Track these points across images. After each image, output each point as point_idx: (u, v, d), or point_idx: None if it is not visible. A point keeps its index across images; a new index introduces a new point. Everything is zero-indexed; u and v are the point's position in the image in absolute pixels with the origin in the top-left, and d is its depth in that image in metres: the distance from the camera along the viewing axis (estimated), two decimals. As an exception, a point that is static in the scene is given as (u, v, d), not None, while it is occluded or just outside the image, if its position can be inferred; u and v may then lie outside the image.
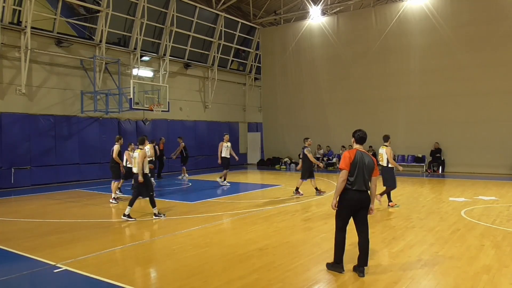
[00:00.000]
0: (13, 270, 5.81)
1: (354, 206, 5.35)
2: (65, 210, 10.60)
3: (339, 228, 5.50)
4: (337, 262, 5.48)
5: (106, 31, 17.70)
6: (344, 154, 5.38)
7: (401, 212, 9.60)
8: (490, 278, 5.14)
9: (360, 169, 5.28)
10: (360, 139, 5.54)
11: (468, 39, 18.32)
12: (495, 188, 13.49)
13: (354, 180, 5.27)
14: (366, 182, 5.35)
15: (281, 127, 24.38)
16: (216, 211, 10.07)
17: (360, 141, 5.55)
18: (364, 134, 5.57)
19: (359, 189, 5.29)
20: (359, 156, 5.32)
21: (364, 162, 5.33)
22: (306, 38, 23.33)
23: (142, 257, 6.47)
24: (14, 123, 15.17)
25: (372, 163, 5.41)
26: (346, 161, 5.28)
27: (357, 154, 5.33)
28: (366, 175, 5.33)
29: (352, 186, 5.28)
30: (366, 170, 5.33)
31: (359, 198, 5.32)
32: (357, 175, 5.27)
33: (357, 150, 5.41)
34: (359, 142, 5.55)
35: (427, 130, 18.41)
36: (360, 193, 5.32)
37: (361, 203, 5.36)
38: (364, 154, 5.39)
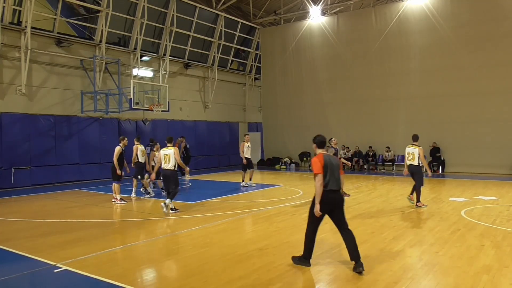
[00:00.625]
0: (13, 270, 5.81)
1: (329, 205, 5.62)
2: (65, 210, 10.60)
3: (312, 229, 5.81)
4: (306, 257, 5.74)
5: (106, 31, 17.71)
6: (313, 160, 5.68)
7: (401, 212, 9.60)
8: (490, 278, 5.14)
9: (330, 170, 5.59)
10: (321, 143, 5.88)
11: (468, 39, 18.32)
12: (495, 188, 13.49)
13: (327, 182, 5.56)
14: (337, 182, 5.67)
15: (281, 127, 24.38)
16: (216, 211, 10.07)
17: (321, 145, 5.89)
18: (323, 139, 5.92)
19: (332, 189, 5.59)
20: (327, 159, 5.66)
21: (332, 163, 5.66)
22: (306, 38, 23.33)
23: (142, 257, 6.47)
24: (14, 123, 15.17)
25: (338, 162, 5.83)
26: (318, 166, 5.55)
27: (324, 157, 5.66)
28: (336, 174, 5.66)
29: (326, 187, 5.55)
30: (336, 171, 5.67)
31: (334, 198, 5.62)
32: (329, 177, 5.57)
33: (323, 154, 5.74)
34: (320, 146, 5.88)
35: (427, 130, 18.38)
36: (334, 192, 5.61)
37: (335, 202, 5.66)
38: (330, 156, 5.78)
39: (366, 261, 5.88)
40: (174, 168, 9.76)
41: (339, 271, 5.62)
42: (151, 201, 11.82)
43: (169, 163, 9.74)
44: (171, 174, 9.79)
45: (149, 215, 9.79)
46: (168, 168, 9.77)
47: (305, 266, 5.70)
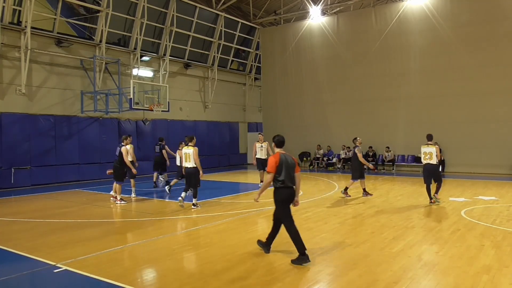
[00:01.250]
0: (13, 270, 5.81)
1: (288, 200, 6.08)
2: (65, 210, 10.60)
3: (289, 223, 6.07)
4: (302, 254, 5.83)
5: (106, 31, 17.71)
6: (270, 159, 6.07)
7: (401, 212, 9.60)
8: (490, 278, 5.14)
9: (286, 169, 6.01)
10: (279, 143, 6.28)
11: (468, 39, 18.32)
12: (495, 188, 13.49)
13: (283, 179, 5.98)
14: (292, 179, 6.09)
15: (281, 127, 24.31)
16: (216, 211, 10.07)
17: (280, 145, 6.29)
18: (282, 139, 6.32)
19: (288, 186, 6.04)
20: (283, 158, 6.05)
21: (288, 162, 6.06)
22: (306, 38, 23.33)
23: (142, 257, 6.47)
24: (14, 123, 15.17)
25: (293, 162, 6.18)
26: (272, 166, 5.99)
27: (281, 156, 6.06)
28: (291, 173, 6.08)
29: (283, 184, 6.00)
30: (291, 169, 6.07)
31: (290, 193, 6.08)
32: (285, 175, 5.99)
33: (280, 153, 6.13)
34: (279, 146, 6.28)
35: (427, 130, 18.22)
36: (289, 189, 6.08)
37: (291, 197, 6.10)
38: (286, 156, 6.15)
39: (366, 261, 5.90)
40: (195, 166, 10.22)
41: (339, 271, 5.62)
42: (150, 201, 11.81)
43: (190, 162, 10.24)
44: (192, 172, 10.26)
45: (149, 215, 9.79)
46: (189, 166, 10.29)
47: (306, 263, 5.76)
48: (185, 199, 10.34)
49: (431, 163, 10.51)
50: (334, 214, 9.50)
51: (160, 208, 10.76)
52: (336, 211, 9.87)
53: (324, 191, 13.35)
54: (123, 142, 11.56)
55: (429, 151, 10.60)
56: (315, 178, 17.98)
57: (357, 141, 12.02)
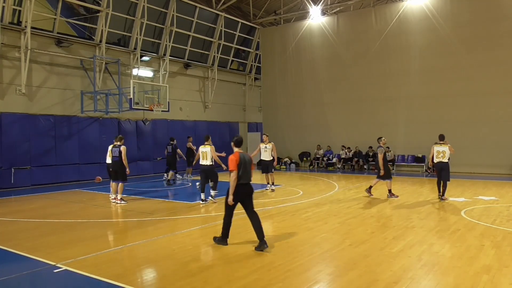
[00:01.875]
0: (13, 270, 5.81)
1: (242, 195, 6.62)
2: (65, 210, 10.60)
3: (228, 214, 6.79)
4: (224, 237, 6.82)
5: (106, 31, 17.71)
6: (230, 157, 6.58)
7: (401, 212, 9.60)
8: (490, 278, 5.14)
9: (244, 166, 6.56)
10: (238, 143, 6.88)
11: (468, 39, 18.32)
12: (495, 188, 13.49)
13: (241, 176, 6.52)
14: (249, 176, 6.68)
15: (281, 127, 24.37)
16: (216, 211, 10.07)
17: (239, 144, 6.88)
18: (240, 139, 6.95)
19: (245, 182, 6.59)
20: (242, 157, 6.62)
21: (245, 160, 6.65)
22: (306, 38, 23.33)
23: (142, 257, 6.47)
24: (14, 123, 15.17)
25: (250, 159, 6.82)
26: (234, 164, 6.49)
27: (240, 155, 6.63)
28: (248, 169, 6.66)
29: (239, 181, 6.51)
30: (248, 166, 6.67)
31: (246, 189, 6.65)
32: (243, 172, 6.54)
33: (239, 152, 6.71)
34: (237, 145, 6.86)
35: (427, 130, 18.39)
36: (246, 185, 6.65)
37: (247, 193, 6.70)
38: (244, 154, 6.75)
39: (366, 261, 5.90)
40: (211, 164, 10.97)
41: (339, 271, 5.62)
42: (150, 201, 11.81)
43: (207, 160, 10.95)
44: (209, 169, 11.02)
45: (149, 215, 9.79)
46: (206, 164, 10.99)
47: (223, 245, 6.70)
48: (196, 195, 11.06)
49: (443, 161, 11.26)
50: (334, 214, 9.50)
51: (160, 208, 10.76)
52: (336, 211, 9.87)
53: (324, 191, 13.35)
54: (119, 142, 11.43)
55: (442, 149, 11.28)
56: (315, 178, 17.98)
57: (381, 141, 11.99)
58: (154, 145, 20.23)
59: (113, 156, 11.41)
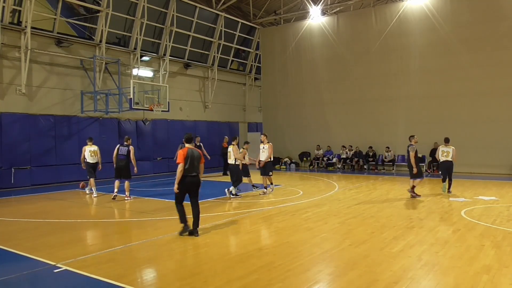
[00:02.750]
0: (13, 270, 5.81)
1: (189, 186, 7.43)
2: (65, 210, 10.60)
3: (178, 202, 7.55)
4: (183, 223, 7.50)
5: (106, 31, 17.70)
6: (179, 152, 7.44)
7: (401, 212, 9.60)
8: (490, 278, 5.14)
9: (191, 160, 7.39)
10: (188, 140, 7.75)
11: (468, 39, 18.31)
12: (495, 188, 13.49)
13: (188, 169, 7.35)
14: (196, 169, 7.50)
15: (281, 127, 24.37)
16: (216, 211, 10.08)
17: (188, 141, 7.74)
18: (190, 136, 7.82)
19: (191, 174, 7.41)
20: (190, 152, 7.46)
21: (193, 155, 7.47)
22: (306, 38, 23.33)
23: (142, 257, 6.47)
24: (14, 123, 15.17)
25: (199, 155, 7.60)
26: (181, 157, 7.36)
27: (188, 151, 7.47)
28: (196, 163, 7.50)
29: (187, 173, 7.35)
30: (196, 161, 7.49)
31: (192, 181, 7.44)
32: (190, 165, 7.37)
33: (188, 148, 7.55)
34: (188, 142, 7.74)
35: (427, 130, 18.40)
36: (193, 177, 7.45)
37: (193, 184, 7.48)
38: (193, 150, 7.59)
39: (366, 261, 5.90)
40: (234, 163, 12.01)
41: (339, 271, 5.62)
42: (150, 201, 11.82)
43: (231, 159, 12.03)
44: (233, 168, 12.07)
45: (149, 215, 9.79)
46: (231, 163, 12.12)
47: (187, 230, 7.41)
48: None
49: (448, 160, 12.23)
50: (334, 214, 9.50)
51: (160, 208, 10.76)
52: (336, 211, 9.87)
53: (324, 191, 13.35)
54: (127, 142, 12.23)
55: (447, 150, 12.31)
56: (315, 178, 17.98)
57: (413, 139, 11.81)
58: (154, 145, 20.23)
59: (120, 155, 11.99)
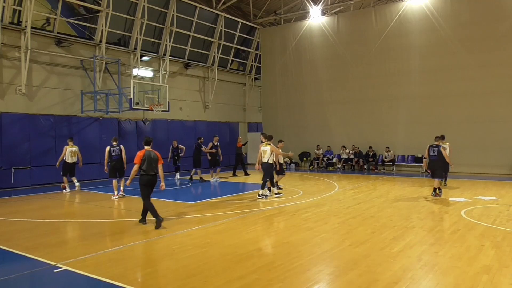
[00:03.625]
0: (13, 270, 5.81)
1: (147, 183, 8.39)
2: (65, 210, 10.60)
3: (145, 197, 8.45)
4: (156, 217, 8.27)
5: (106, 31, 17.71)
6: (138, 153, 8.34)
7: (401, 212, 9.60)
8: (490, 278, 5.14)
9: (148, 161, 8.32)
10: (146, 142, 8.63)
11: (468, 39, 18.31)
12: (495, 188, 13.49)
13: (145, 169, 8.31)
14: (153, 169, 8.40)
15: (281, 127, 24.35)
16: (216, 211, 10.07)
17: (147, 144, 8.59)
18: (148, 138, 8.70)
19: (148, 174, 8.36)
20: (147, 154, 8.37)
21: (151, 157, 8.37)
22: (306, 38, 23.33)
23: (142, 257, 6.47)
24: (14, 123, 15.17)
25: (156, 156, 8.49)
26: (138, 159, 8.28)
27: (145, 152, 8.39)
28: (153, 164, 8.39)
29: (145, 172, 8.34)
30: (153, 162, 8.40)
31: (149, 179, 8.41)
32: (147, 165, 8.30)
33: (146, 150, 8.45)
34: (146, 144, 8.59)
35: (427, 130, 18.37)
36: (150, 175, 8.39)
37: (150, 182, 8.44)
38: (150, 152, 8.45)
39: (366, 261, 5.90)
40: (268, 161, 11.84)
41: (339, 271, 5.62)
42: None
43: (265, 157, 11.87)
44: (267, 167, 11.88)
45: (149, 215, 9.78)
46: (264, 161, 11.91)
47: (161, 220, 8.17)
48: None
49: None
50: (334, 214, 9.50)
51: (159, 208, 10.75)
52: (336, 211, 9.87)
53: (324, 191, 13.35)
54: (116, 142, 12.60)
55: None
56: (315, 178, 17.98)
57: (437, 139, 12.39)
58: (154, 145, 20.12)
59: (115, 155, 12.33)
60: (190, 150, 18.19)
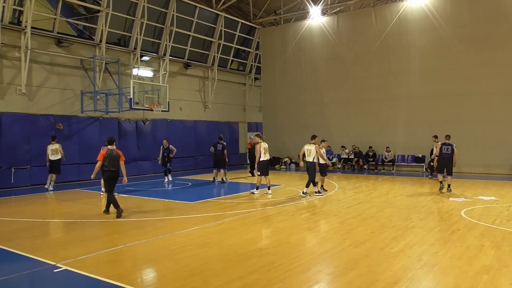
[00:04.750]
0: (13, 270, 5.81)
1: (109, 178, 9.40)
2: (64, 210, 10.60)
3: (109, 192, 9.51)
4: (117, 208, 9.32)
5: (106, 31, 17.70)
6: (101, 152, 9.38)
7: (401, 212, 9.60)
8: (490, 278, 5.14)
9: (110, 159, 9.29)
10: (109, 142, 9.59)
11: (468, 39, 18.32)
12: (495, 188, 13.49)
13: (107, 165, 9.27)
14: (115, 165, 9.37)
15: (281, 127, 24.37)
16: (216, 211, 10.07)
17: (109, 143, 9.55)
18: (111, 139, 9.69)
19: (110, 169, 9.33)
20: (109, 152, 9.34)
21: (112, 155, 9.33)
22: (306, 38, 23.32)
23: (142, 257, 6.47)
24: (14, 123, 15.17)
25: (118, 154, 9.43)
26: (101, 157, 9.29)
27: (108, 151, 9.31)
28: (115, 161, 9.35)
29: (107, 168, 9.29)
30: (114, 159, 9.35)
31: (111, 174, 9.39)
32: (109, 163, 9.29)
33: (108, 149, 9.40)
34: (109, 143, 9.57)
35: (427, 130, 18.39)
36: (111, 171, 9.36)
37: (112, 177, 9.42)
38: (112, 151, 9.40)
39: (366, 261, 5.90)
40: (313, 161, 12.31)
41: (339, 271, 5.62)
42: (150, 201, 11.81)
43: (310, 157, 12.34)
44: (311, 166, 12.36)
45: (149, 215, 9.79)
46: (309, 160, 12.34)
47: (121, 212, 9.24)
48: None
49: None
50: (334, 214, 9.51)
51: (160, 208, 10.76)
52: (336, 211, 9.88)
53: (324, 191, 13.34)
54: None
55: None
56: (315, 178, 17.93)
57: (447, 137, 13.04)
58: (154, 145, 20.21)
59: None
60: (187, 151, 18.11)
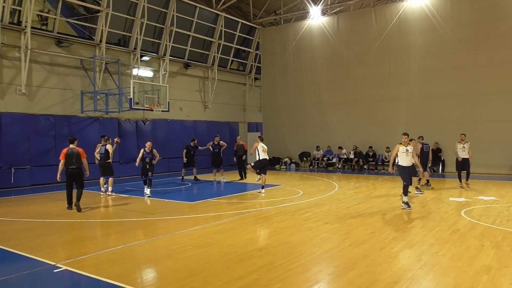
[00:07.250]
0: (13, 270, 5.80)
1: (70, 175, 10.22)
2: (65, 210, 10.59)
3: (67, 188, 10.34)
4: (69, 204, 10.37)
5: (106, 31, 17.70)
6: (62, 151, 10.15)
7: (401, 212, 9.60)
8: (490, 278, 5.14)
9: (70, 157, 10.08)
10: (70, 141, 10.36)
11: (468, 39, 18.31)
12: (495, 188, 13.50)
13: (67, 163, 10.07)
14: (75, 163, 10.13)
15: (281, 127, 24.37)
16: (216, 211, 10.07)
17: (71, 142, 10.32)
18: (72, 138, 10.45)
19: (71, 167, 10.13)
20: (69, 151, 10.13)
21: (72, 154, 10.12)
22: (306, 38, 23.32)
23: (142, 257, 6.47)
24: (14, 123, 15.17)
25: (78, 153, 10.19)
26: (62, 155, 10.08)
27: (68, 150, 10.13)
28: (74, 160, 10.12)
29: (67, 166, 10.11)
30: (75, 157, 10.13)
31: (72, 171, 10.17)
32: (69, 161, 10.07)
33: (69, 148, 10.19)
34: (70, 143, 10.32)
35: (427, 130, 18.36)
36: (72, 169, 10.17)
37: (72, 173, 10.21)
38: (73, 150, 10.18)
39: (366, 261, 5.90)
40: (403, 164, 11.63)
41: (339, 271, 5.62)
42: (150, 201, 11.82)
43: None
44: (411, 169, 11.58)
45: (149, 215, 9.79)
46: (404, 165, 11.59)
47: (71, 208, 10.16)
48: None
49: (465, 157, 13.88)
50: (334, 214, 9.50)
51: (160, 208, 10.76)
52: (336, 211, 9.88)
53: (324, 191, 13.35)
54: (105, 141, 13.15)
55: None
56: (315, 178, 17.98)
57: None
58: (154, 145, 20.13)
59: (101, 154, 13.06)
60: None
